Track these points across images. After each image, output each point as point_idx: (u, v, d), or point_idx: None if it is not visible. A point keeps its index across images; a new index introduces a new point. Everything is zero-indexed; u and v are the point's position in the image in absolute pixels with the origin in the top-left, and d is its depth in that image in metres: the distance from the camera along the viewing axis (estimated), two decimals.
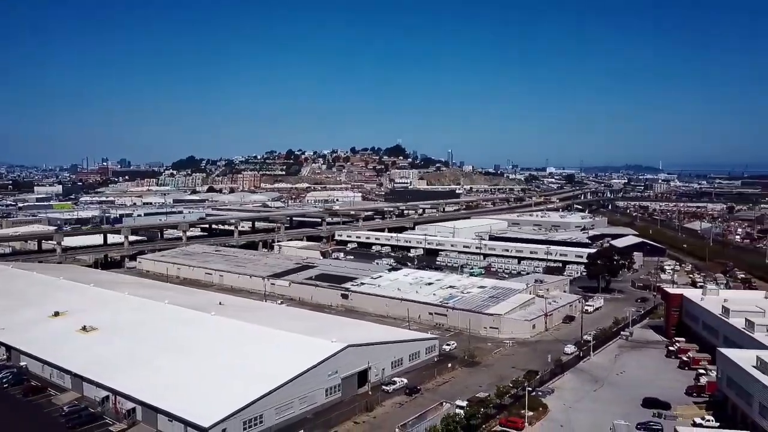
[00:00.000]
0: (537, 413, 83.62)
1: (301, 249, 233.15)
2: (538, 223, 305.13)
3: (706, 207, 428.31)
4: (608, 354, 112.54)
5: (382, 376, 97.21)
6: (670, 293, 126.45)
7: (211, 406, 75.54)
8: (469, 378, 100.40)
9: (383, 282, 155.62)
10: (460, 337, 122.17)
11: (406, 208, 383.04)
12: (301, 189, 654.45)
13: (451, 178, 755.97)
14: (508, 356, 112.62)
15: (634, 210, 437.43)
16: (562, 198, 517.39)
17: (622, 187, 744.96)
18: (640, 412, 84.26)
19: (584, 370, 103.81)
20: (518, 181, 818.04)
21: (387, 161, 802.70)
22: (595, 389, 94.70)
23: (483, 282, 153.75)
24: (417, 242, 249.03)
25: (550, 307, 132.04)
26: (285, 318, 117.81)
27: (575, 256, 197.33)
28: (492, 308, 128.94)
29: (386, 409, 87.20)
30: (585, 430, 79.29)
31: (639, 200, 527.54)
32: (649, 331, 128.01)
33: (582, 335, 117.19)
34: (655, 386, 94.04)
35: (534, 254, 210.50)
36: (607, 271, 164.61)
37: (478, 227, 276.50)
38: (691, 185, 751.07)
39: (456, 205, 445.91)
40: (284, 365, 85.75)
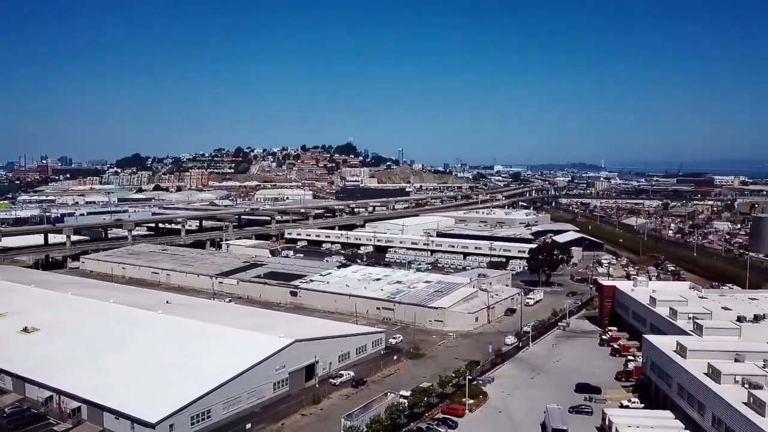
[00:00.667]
0: (477, 401, 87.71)
1: (250, 247, 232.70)
2: (484, 219, 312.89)
3: (643, 204, 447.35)
4: (546, 344, 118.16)
5: (329, 370, 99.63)
6: (604, 285, 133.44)
7: (158, 403, 76.32)
8: (414, 369, 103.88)
9: (332, 279, 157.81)
10: (407, 330, 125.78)
11: (357, 206, 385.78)
12: (251, 187, 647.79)
13: (401, 176, 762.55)
14: (452, 348, 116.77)
15: (576, 207, 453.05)
16: (508, 195, 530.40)
17: (565, 184, 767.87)
18: (573, 397, 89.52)
19: (523, 359, 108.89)
20: (467, 179, 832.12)
21: (338, 159, 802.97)
22: (532, 377, 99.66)
23: (429, 277, 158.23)
24: (367, 240, 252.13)
25: (492, 301, 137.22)
26: (233, 315, 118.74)
27: (518, 251, 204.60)
28: (437, 302, 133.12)
29: (333, 401, 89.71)
30: (521, 414, 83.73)
31: (581, 197, 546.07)
32: (584, 321, 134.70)
33: (522, 326, 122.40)
34: (588, 373, 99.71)
35: (479, 250, 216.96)
36: (547, 266, 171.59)
37: (426, 224, 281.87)
38: (630, 183, 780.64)
39: (406, 203, 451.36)
40: (232, 361, 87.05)
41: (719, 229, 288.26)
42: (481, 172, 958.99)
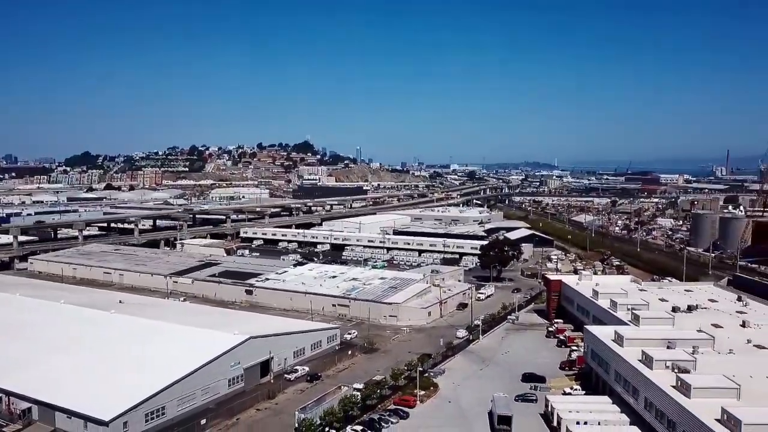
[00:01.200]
0: (428, 392, 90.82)
1: (204, 246, 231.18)
2: (439, 217, 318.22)
3: (593, 201, 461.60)
4: (496, 337, 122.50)
5: (284, 366, 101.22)
6: (551, 279, 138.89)
7: (112, 401, 76.52)
8: (368, 363, 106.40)
9: (288, 277, 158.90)
10: (362, 326, 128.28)
11: (314, 204, 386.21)
12: (206, 186, 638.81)
13: (359, 174, 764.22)
14: (405, 342, 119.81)
15: (529, 205, 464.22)
16: (463, 194, 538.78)
17: (519, 183, 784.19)
18: (519, 386, 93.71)
19: (473, 351, 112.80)
20: (423, 177, 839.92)
21: (295, 158, 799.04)
22: (481, 368, 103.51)
23: (384, 274, 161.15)
24: (323, 238, 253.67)
25: (444, 296, 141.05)
26: (187, 314, 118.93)
27: (471, 248, 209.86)
28: (391, 298, 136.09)
29: (288, 396, 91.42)
30: (470, 404, 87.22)
31: (534, 195, 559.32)
32: (533, 314, 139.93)
33: (473, 320, 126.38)
34: (535, 363, 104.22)
35: (433, 247, 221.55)
36: (498, 262, 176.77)
37: (383, 222, 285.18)
38: (581, 181, 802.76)
39: (363, 202, 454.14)
40: (186, 358, 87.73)
41: (662, 225, 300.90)
42: (438, 171, 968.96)
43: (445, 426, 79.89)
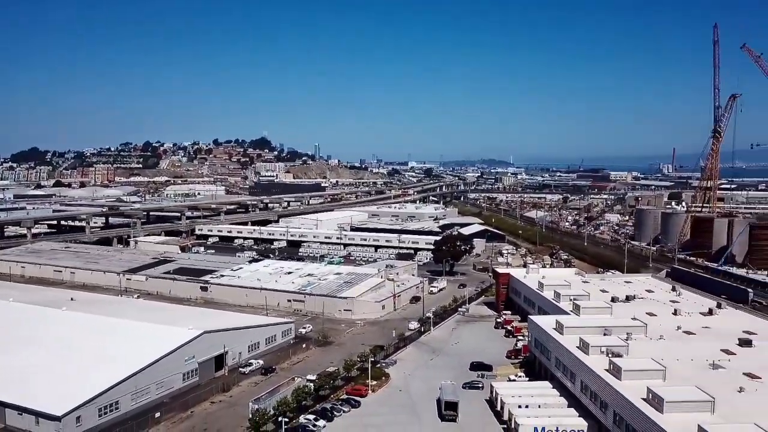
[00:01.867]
0: (380, 382, 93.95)
1: (158, 244, 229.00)
2: (396, 214, 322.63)
3: (545, 198, 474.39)
4: (446, 328, 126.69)
5: (239, 359, 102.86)
6: (500, 273, 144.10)
7: (64, 396, 77.00)
8: (323, 356, 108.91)
9: (243, 273, 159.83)
10: (317, 320, 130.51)
11: (271, 201, 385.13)
12: (160, 183, 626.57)
13: (317, 171, 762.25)
14: (359, 335, 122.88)
15: (484, 201, 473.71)
16: (420, 191, 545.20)
17: (475, 180, 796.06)
18: (467, 375, 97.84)
19: (424, 342, 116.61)
20: (381, 175, 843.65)
21: (252, 154, 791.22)
22: (432, 358, 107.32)
23: (339, 269, 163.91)
24: (280, 235, 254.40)
25: (398, 290, 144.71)
26: (142, 310, 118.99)
27: (425, 243, 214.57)
28: (346, 292, 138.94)
29: (242, 389, 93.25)
30: (420, 392, 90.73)
31: (489, 192, 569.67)
32: (483, 307, 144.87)
33: (425, 313, 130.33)
34: (483, 353, 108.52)
35: (389, 242, 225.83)
36: (451, 256, 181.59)
37: (340, 219, 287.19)
38: (535, 178, 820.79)
39: (321, 198, 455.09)
40: (140, 353, 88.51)
41: (610, 220, 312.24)
42: (396, 168, 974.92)
43: (395, 413, 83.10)
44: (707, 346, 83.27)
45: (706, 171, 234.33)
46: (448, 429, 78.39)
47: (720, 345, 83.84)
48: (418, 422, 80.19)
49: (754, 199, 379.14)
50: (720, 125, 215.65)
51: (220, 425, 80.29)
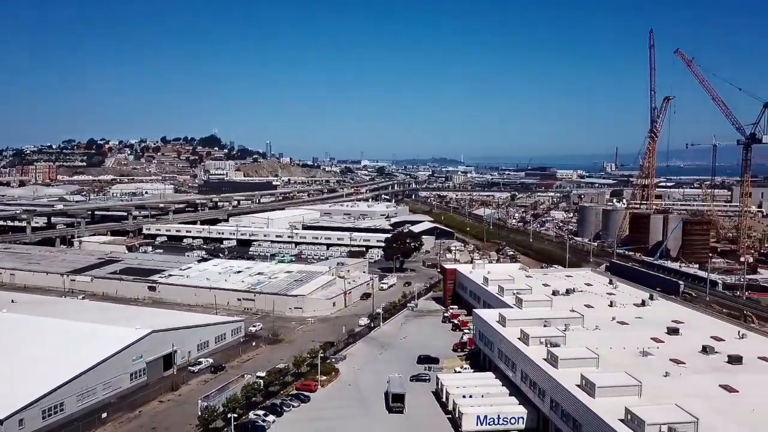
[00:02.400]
0: (330, 377, 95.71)
1: (104, 244, 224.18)
2: (348, 212, 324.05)
3: (494, 196, 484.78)
4: (396, 323, 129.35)
5: (188, 358, 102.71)
6: (447, 268, 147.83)
7: (6, 399, 75.48)
8: (273, 353, 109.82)
9: (192, 273, 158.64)
10: (267, 318, 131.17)
11: (221, 200, 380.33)
12: (106, 181, 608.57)
13: (269, 169, 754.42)
14: (310, 332, 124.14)
15: (434, 199, 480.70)
16: (372, 189, 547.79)
17: (427, 178, 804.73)
18: (415, 368, 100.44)
19: (374, 338, 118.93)
20: (334, 173, 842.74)
21: (201, 152, 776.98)
22: (381, 353, 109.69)
23: (290, 267, 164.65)
24: (230, 234, 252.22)
25: (349, 287, 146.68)
26: (87, 311, 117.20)
27: (376, 241, 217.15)
28: (296, 290, 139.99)
29: (192, 387, 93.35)
30: (368, 385, 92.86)
31: (440, 190, 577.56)
32: (431, 302, 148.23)
33: (374, 309, 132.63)
34: (431, 346, 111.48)
35: (341, 240, 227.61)
36: (401, 253, 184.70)
37: (292, 217, 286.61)
38: (485, 176, 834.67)
39: (272, 197, 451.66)
40: (86, 354, 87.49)
41: (555, 217, 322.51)
42: (349, 167, 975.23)
43: (344, 406, 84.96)
44: (638, 335, 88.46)
45: (644, 169, 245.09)
46: (395, 420, 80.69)
47: (650, 334, 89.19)
48: (366, 414, 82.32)
49: (689, 196, 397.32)
50: (656, 126, 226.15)
51: (169, 424, 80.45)
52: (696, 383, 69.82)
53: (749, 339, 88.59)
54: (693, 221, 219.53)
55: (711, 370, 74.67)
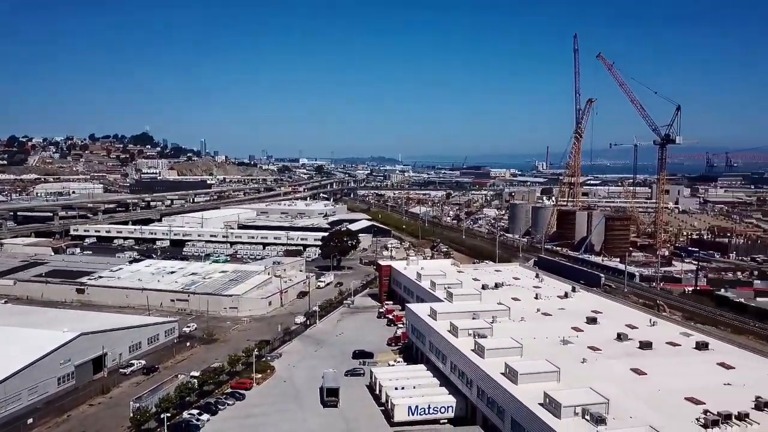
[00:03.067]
0: (265, 374, 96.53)
1: (29, 246, 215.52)
2: (285, 211, 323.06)
3: (430, 194, 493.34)
4: (332, 320, 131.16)
5: (119, 360, 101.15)
6: (382, 265, 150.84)
7: None
8: (207, 353, 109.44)
9: (123, 274, 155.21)
10: (202, 318, 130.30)
11: (153, 199, 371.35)
12: (29, 181, 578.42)
13: (203, 168, 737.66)
14: (245, 331, 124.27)
15: (372, 198, 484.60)
16: (311, 188, 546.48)
17: (365, 177, 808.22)
18: (350, 363, 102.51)
19: (310, 335, 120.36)
20: (272, 171, 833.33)
21: (133, 150, 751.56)
22: (316, 350, 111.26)
23: (225, 267, 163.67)
24: (163, 234, 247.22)
25: (285, 285, 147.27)
26: (10, 315, 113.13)
27: (314, 239, 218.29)
28: (231, 290, 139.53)
29: (123, 390, 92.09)
30: (304, 381, 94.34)
31: (378, 189, 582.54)
32: (367, 298, 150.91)
33: (311, 307, 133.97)
34: (366, 341, 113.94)
35: (277, 240, 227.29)
36: (338, 251, 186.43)
37: (227, 217, 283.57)
38: (422, 175, 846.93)
39: (207, 196, 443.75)
40: (9, 359, 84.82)
41: (488, 215, 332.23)
42: (287, 165, 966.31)
43: (279, 402, 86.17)
44: (560, 325, 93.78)
45: (570, 168, 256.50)
46: (329, 414, 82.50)
47: (571, 323, 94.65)
48: (300, 409, 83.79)
49: (613, 193, 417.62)
50: (580, 126, 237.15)
51: (100, 426, 79.38)
52: (610, 368, 74.98)
53: (659, 326, 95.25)
54: (614, 217, 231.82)
55: (624, 355, 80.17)
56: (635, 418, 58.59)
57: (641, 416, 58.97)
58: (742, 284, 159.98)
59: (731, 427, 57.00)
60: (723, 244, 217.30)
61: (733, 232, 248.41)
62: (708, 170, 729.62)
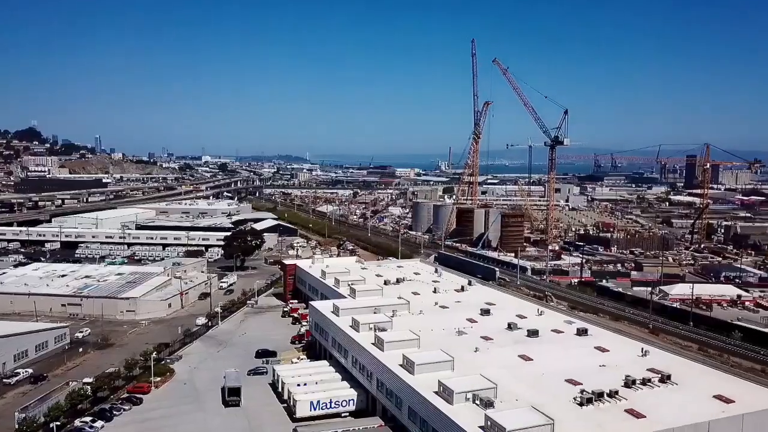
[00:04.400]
0: (164, 378, 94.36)
1: None
2: (186, 210, 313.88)
3: (338, 193, 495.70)
4: (235, 321, 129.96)
5: (3, 370, 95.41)
6: (287, 264, 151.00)
7: None
8: (102, 359, 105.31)
9: (8, 279, 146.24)
10: (96, 323, 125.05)
11: (41, 199, 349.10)
12: None
13: (98, 166, 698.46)
14: (143, 334, 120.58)
15: (279, 196, 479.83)
16: (214, 186, 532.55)
17: (271, 175, 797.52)
18: (253, 362, 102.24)
19: (212, 336, 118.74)
20: (172, 169, 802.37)
21: (18, 146, 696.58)
22: (218, 350, 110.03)
23: (121, 269, 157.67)
24: (53, 235, 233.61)
25: (186, 287, 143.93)
26: None
27: (216, 239, 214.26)
28: (128, 293, 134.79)
29: (7, 400, 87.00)
30: (205, 383, 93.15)
31: (285, 188, 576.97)
32: (272, 298, 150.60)
33: (213, 308, 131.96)
34: (270, 340, 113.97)
35: (178, 240, 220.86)
36: (241, 251, 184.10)
37: (125, 217, 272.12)
38: (329, 174, 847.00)
39: (103, 195, 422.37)
40: None
41: (393, 213, 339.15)
42: (189, 163, 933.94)
43: (179, 405, 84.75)
44: (457, 317, 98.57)
45: (468, 168, 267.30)
46: (231, 413, 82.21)
47: (466, 315, 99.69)
48: (201, 410, 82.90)
49: (510, 192, 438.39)
50: (478, 128, 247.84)
51: None
52: (500, 355, 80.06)
53: (546, 315, 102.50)
54: (510, 214, 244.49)
55: (513, 343, 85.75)
56: (520, 400, 63.04)
57: (526, 398, 63.55)
58: (621, 275, 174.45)
59: (603, 403, 62.84)
60: (606, 238, 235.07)
61: (615, 227, 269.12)
62: (596, 170, 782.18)
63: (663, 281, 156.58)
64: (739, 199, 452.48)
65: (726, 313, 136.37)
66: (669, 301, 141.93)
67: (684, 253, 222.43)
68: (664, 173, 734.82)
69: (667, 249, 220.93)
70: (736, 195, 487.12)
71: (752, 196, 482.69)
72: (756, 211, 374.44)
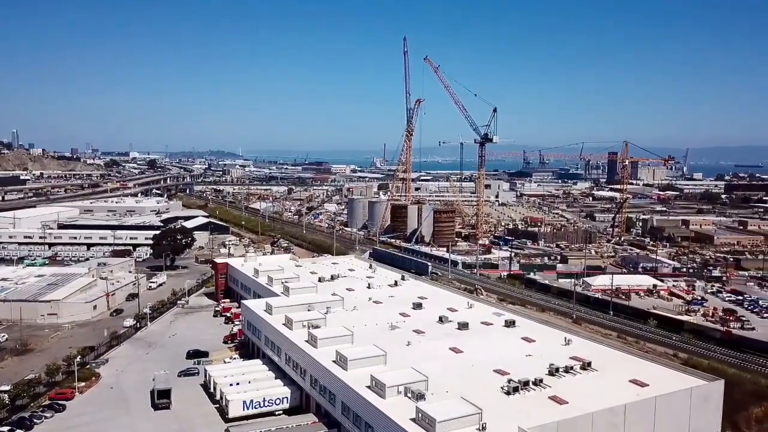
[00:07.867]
0: (89, 382, 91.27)
1: None
2: (113, 209, 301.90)
3: (272, 189, 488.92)
4: (165, 322, 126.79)
5: None
6: (218, 263, 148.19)
7: None
8: (21, 365, 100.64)
9: None
10: (14, 328, 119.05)
11: None
12: None
13: (16, 162, 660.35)
14: (67, 338, 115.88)
15: (210, 193, 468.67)
16: (142, 183, 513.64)
17: (202, 172, 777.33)
18: (184, 363, 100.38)
19: (140, 338, 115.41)
20: (97, 166, 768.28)
21: None
22: (147, 352, 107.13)
23: (42, 271, 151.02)
24: None
25: (112, 288, 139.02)
26: None
27: (145, 238, 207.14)
28: (49, 295, 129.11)
29: None
30: (133, 386, 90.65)
31: (216, 184, 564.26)
32: (203, 297, 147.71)
33: (141, 309, 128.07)
34: (202, 341, 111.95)
35: (104, 239, 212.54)
36: (171, 250, 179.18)
37: (45, 216, 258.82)
38: (263, 170, 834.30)
39: (21, 193, 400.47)
40: None
41: (328, 210, 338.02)
42: (116, 159, 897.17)
43: (105, 410, 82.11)
44: (390, 312, 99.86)
45: (402, 164, 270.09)
46: (161, 417, 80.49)
47: (399, 309, 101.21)
48: (129, 414, 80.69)
49: (443, 188, 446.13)
50: (411, 125, 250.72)
51: None
52: (431, 348, 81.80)
53: (476, 308, 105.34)
54: (442, 210, 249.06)
55: (444, 336, 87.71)
56: (450, 392, 64.78)
57: (456, 389, 65.35)
58: (547, 268, 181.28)
59: (528, 392, 65.60)
60: (534, 233, 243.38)
61: (543, 222, 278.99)
62: (525, 167, 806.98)
63: (586, 273, 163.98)
64: (656, 194, 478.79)
65: (643, 302, 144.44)
66: (592, 291, 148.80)
67: (606, 246, 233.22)
68: (588, 169, 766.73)
69: (590, 242, 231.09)
70: (653, 190, 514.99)
71: (667, 191, 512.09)
72: (671, 206, 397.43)
